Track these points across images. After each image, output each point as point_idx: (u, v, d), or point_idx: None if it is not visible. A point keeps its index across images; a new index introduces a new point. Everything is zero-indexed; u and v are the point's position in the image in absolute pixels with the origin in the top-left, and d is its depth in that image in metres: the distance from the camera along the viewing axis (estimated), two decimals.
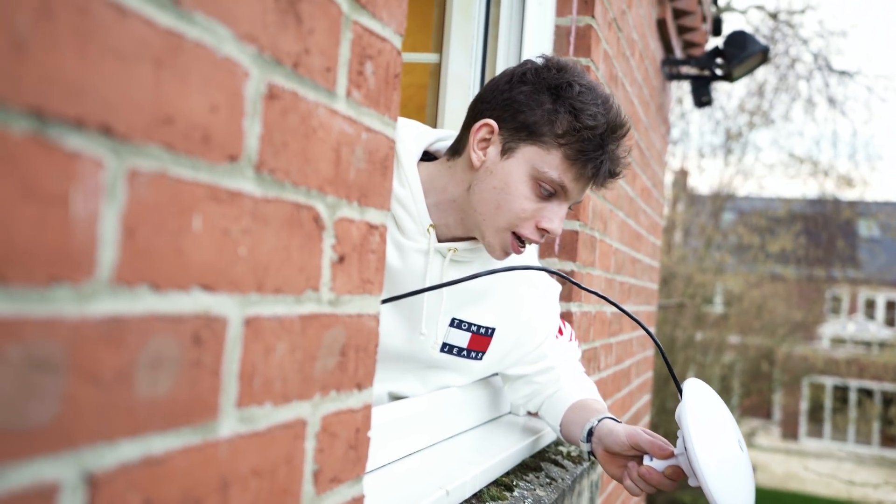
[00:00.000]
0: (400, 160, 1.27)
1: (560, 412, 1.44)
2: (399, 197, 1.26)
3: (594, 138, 1.19)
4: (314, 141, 0.62)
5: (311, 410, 0.64)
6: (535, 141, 1.20)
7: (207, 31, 0.50)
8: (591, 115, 1.19)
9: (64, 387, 0.40)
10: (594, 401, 1.44)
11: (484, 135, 1.24)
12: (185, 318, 0.49)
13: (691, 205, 11.87)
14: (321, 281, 0.64)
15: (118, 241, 0.44)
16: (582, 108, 1.19)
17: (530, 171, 1.20)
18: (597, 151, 1.19)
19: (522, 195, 1.21)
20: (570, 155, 1.19)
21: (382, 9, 0.72)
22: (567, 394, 1.46)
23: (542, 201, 1.21)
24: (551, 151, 1.20)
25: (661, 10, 3.00)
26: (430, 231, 1.28)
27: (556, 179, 1.20)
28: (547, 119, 1.20)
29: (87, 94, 0.41)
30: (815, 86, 11.47)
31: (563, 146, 1.19)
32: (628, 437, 1.22)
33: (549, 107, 1.20)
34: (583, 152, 1.19)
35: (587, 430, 1.33)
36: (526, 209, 1.21)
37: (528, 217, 1.21)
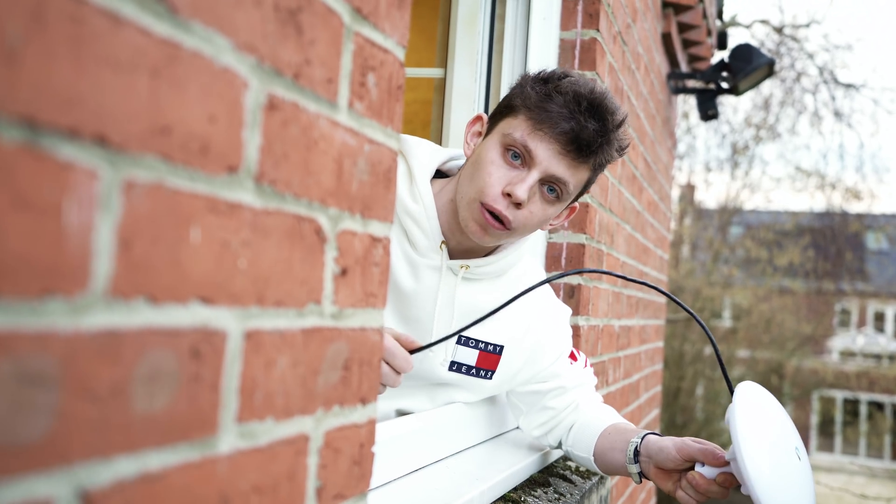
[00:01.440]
0: (414, 177, 1.27)
1: (591, 442, 1.39)
2: (412, 213, 1.26)
3: (563, 103, 1.18)
4: (315, 152, 0.62)
5: (313, 425, 0.62)
6: (508, 114, 1.23)
7: (205, 41, 0.49)
8: (564, 85, 1.19)
9: (57, 402, 0.39)
10: (625, 423, 1.40)
11: (477, 128, 1.29)
12: (183, 332, 0.48)
13: (698, 219, 11.85)
14: (323, 294, 0.63)
15: (113, 252, 0.43)
16: (557, 81, 1.21)
17: (500, 139, 1.22)
18: (561, 111, 1.17)
19: (490, 161, 1.21)
20: (534, 116, 1.19)
21: (385, 20, 0.72)
22: (594, 420, 1.41)
23: (510, 168, 1.20)
24: (518, 116, 1.21)
25: (666, 24, 3.00)
26: (443, 248, 1.27)
27: (518, 139, 1.19)
28: (520, 93, 1.22)
29: (81, 104, 0.40)
30: (821, 99, 11.47)
31: (528, 109, 1.20)
32: (678, 449, 1.19)
33: (529, 89, 1.22)
34: (546, 111, 1.18)
35: (633, 451, 1.29)
36: (490, 173, 1.20)
37: (492, 183, 1.19)
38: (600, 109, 1.19)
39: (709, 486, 1.14)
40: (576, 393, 1.45)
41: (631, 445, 1.29)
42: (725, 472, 1.12)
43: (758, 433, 1.04)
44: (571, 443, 1.44)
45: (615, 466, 1.34)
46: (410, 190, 1.27)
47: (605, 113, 1.19)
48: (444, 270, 1.28)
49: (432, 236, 1.26)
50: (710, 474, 1.14)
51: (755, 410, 1.07)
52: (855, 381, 15.75)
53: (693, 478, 1.15)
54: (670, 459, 1.20)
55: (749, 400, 1.08)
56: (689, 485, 1.16)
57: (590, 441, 1.39)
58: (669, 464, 1.21)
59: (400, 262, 1.27)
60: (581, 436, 1.41)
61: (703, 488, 1.14)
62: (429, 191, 1.27)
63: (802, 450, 1.09)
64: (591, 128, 1.18)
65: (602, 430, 1.38)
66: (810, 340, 13.18)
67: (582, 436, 1.41)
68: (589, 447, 1.39)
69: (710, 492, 1.14)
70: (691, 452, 1.17)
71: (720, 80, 3.45)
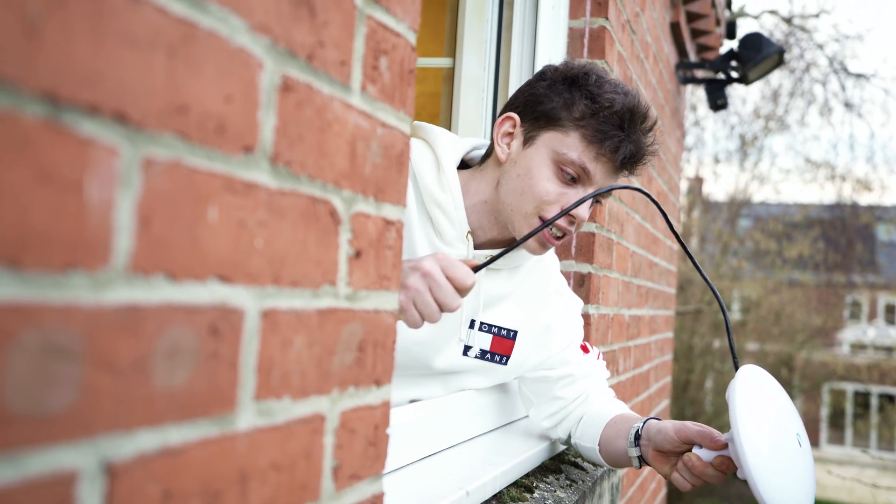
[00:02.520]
0: (441, 165, 1.28)
1: (597, 432, 1.39)
2: (440, 202, 1.26)
3: (611, 117, 1.18)
4: (329, 134, 0.62)
5: (329, 406, 0.63)
6: (554, 126, 1.21)
7: (221, 21, 0.50)
8: (609, 98, 1.19)
9: (81, 374, 0.40)
10: (631, 413, 1.40)
11: (507, 129, 1.26)
12: (202, 309, 0.49)
13: (707, 211, 11.81)
14: (338, 275, 0.64)
15: (133, 229, 0.43)
16: (599, 92, 1.20)
17: (551, 156, 1.21)
18: (615, 130, 1.18)
19: (545, 178, 1.20)
20: (587, 135, 1.19)
21: (396, 4, 0.72)
22: (602, 410, 1.41)
23: (566, 186, 1.21)
24: (569, 134, 1.20)
25: (675, 14, 2.99)
26: (469, 238, 1.28)
27: (577, 160, 1.19)
28: (564, 105, 1.21)
29: (100, 81, 0.41)
30: (831, 89, 11.41)
31: (580, 128, 1.19)
32: (677, 431, 1.19)
33: (567, 95, 1.21)
34: (601, 131, 1.18)
35: (633, 435, 1.28)
36: (549, 191, 1.20)
37: (552, 200, 1.20)
38: (645, 121, 1.21)
39: (704, 469, 1.12)
40: (585, 383, 1.45)
41: (633, 430, 1.29)
42: (722, 456, 1.10)
43: (757, 415, 1.01)
44: (580, 434, 1.43)
45: (618, 454, 1.34)
46: (438, 179, 1.27)
47: (650, 124, 1.22)
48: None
49: (459, 226, 1.27)
50: (707, 457, 1.12)
51: (756, 392, 1.04)
52: (866, 374, 15.68)
53: (689, 459, 1.13)
54: (668, 441, 1.20)
55: (751, 381, 1.05)
56: (685, 467, 1.14)
57: (596, 431, 1.39)
58: (667, 445, 1.20)
59: (425, 250, 1.27)
60: (588, 426, 1.41)
61: (699, 471, 1.12)
62: (457, 181, 1.27)
63: (804, 437, 1.06)
64: (644, 146, 1.21)
65: (608, 420, 1.38)
66: (820, 333, 13.13)
67: (589, 426, 1.41)
68: (595, 437, 1.39)
69: (706, 475, 1.12)
70: (689, 434, 1.16)
71: (729, 70, 3.43)
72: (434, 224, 1.27)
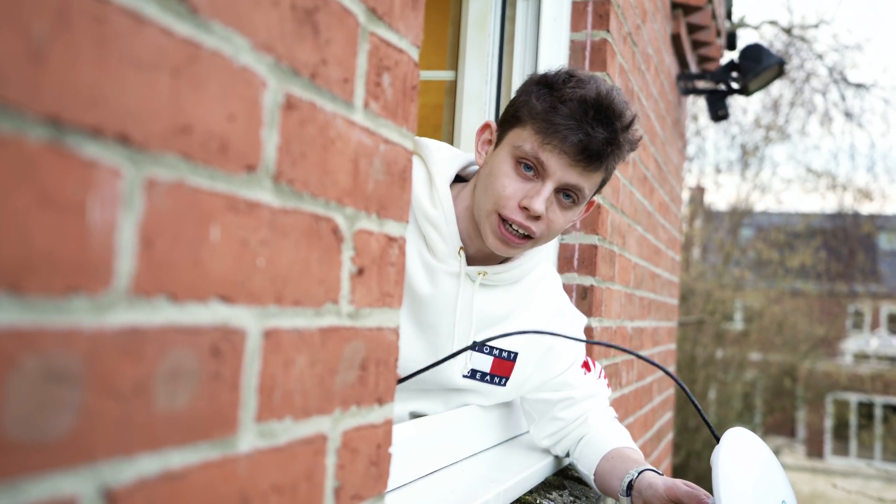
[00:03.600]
0: (434, 182, 1.27)
1: (594, 460, 1.39)
2: (432, 218, 1.25)
3: (567, 110, 1.17)
4: (332, 152, 0.62)
5: (331, 425, 0.63)
6: (517, 124, 1.22)
7: (225, 41, 0.49)
8: (568, 93, 1.18)
9: (82, 399, 0.40)
10: (630, 449, 1.40)
11: (486, 136, 1.28)
12: (204, 330, 0.48)
13: (709, 221, 11.80)
14: (340, 294, 0.64)
15: (135, 251, 0.43)
16: (562, 88, 1.19)
17: (510, 151, 1.21)
18: (568, 121, 1.16)
19: (503, 173, 1.21)
20: (543, 128, 1.18)
21: (399, 20, 0.72)
22: (600, 440, 1.41)
23: (524, 181, 1.20)
24: (527, 128, 1.20)
25: (676, 25, 2.99)
26: (461, 254, 1.27)
27: (529, 151, 1.19)
28: (527, 103, 1.21)
29: (104, 103, 0.41)
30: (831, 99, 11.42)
31: (537, 121, 1.19)
32: (667, 489, 1.20)
33: (535, 94, 1.21)
34: (553, 122, 1.17)
35: (626, 483, 1.29)
36: (505, 185, 1.20)
37: (509, 195, 1.20)
38: (608, 114, 1.18)
39: None
40: (585, 405, 1.44)
41: (627, 477, 1.30)
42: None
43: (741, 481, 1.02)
44: (577, 456, 1.44)
45: (611, 492, 1.35)
46: (430, 195, 1.27)
47: (613, 118, 1.18)
48: (463, 277, 1.28)
49: (451, 242, 1.26)
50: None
51: (741, 457, 1.06)
52: (869, 384, 15.62)
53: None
54: (657, 497, 1.21)
55: (737, 446, 1.07)
56: None
57: (593, 460, 1.39)
58: (656, 502, 1.21)
59: (417, 267, 1.26)
60: (586, 452, 1.42)
61: None
62: (449, 197, 1.27)
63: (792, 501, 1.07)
64: (599, 137, 1.17)
65: (606, 452, 1.38)
66: (823, 343, 13.10)
67: (587, 452, 1.41)
68: (591, 466, 1.39)
69: None
70: (678, 494, 1.18)
71: (730, 81, 3.44)
72: (426, 240, 1.26)
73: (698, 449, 8.89)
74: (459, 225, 1.28)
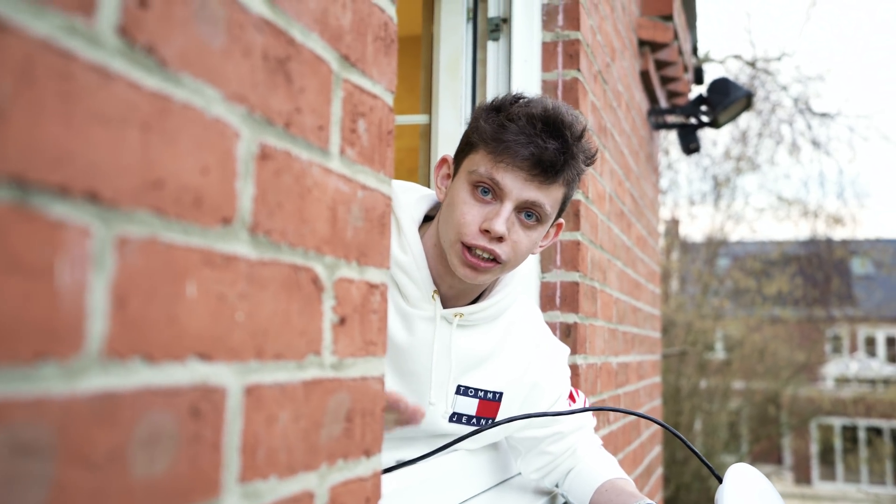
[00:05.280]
0: (401, 226, 1.26)
1: (587, 493, 1.37)
2: (402, 264, 1.24)
3: (515, 128, 1.17)
4: (309, 200, 0.61)
5: (318, 481, 0.60)
6: (471, 150, 1.22)
7: (195, 93, 0.49)
8: (515, 113, 1.18)
9: (53, 472, 0.38)
10: (623, 480, 1.38)
11: (445, 171, 1.28)
12: (182, 391, 0.46)
13: (685, 252, 11.90)
14: (323, 344, 0.62)
15: (108, 311, 0.41)
16: (511, 109, 1.20)
17: (467, 178, 1.21)
18: (517, 137, 1.16)
19: (462, 201, 1.20)
20: (493, 148, 1.18)
21: (372, 66, 0.72)
22: (592, 471, 1.39)
23: (483, 205, 1.19)
24: (479, 151, 1.20)
25: (644, 62, 3.04)
26: (435, 297, 1.26)
27: (485, 174, 1.18)
28: (477, 128, 1.22)
29: (71, 161, 0.39)
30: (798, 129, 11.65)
31: (488, 143, 1.19)
32: None
33: (484, 120, 1.22)
34: (503, 141, 1.17)
35: None
36: (465, 213, 1.19)
37: (468, 221, 1.19)
38: (556, 126, 1.18)
39: None
40: (574, 437, 1.42)
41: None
42: None
43: None
44: (567, 489, 1.42)
45: None
46: (399, 240, 1.26)
47: (563, 128, 1.18)
48: (439, 320, 1.26)
49: (424, 287, 1.25)
50: None
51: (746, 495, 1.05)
52: (852, 408, 15.68)
53: None
54: None
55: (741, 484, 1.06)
56: None
57: (586, 493, 1.37)
58: None
59: (392, 315, 1.24)
60: (578, 484, 1.39)
61: None
62: (417, 240, 1.26)
63: None
64: (551, 148, 1.17)
65: (599, 486, 1.36)
66: (804, 368, 13.16)
67: (579, 484, 1.39)
68: (584, 499, 1.37)
69: None
70: None
71: (700, 115, 3.49)
72: (399, 287, 1.25)
73: (687, 482, 8.84)
74: (431, 264, 1.27)
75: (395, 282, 1.25)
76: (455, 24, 1.87)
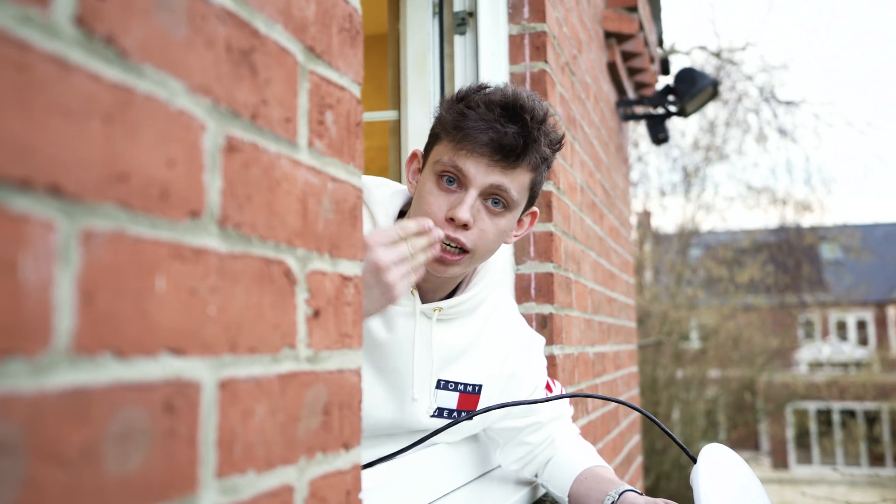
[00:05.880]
0: (377, 222, 1.25)
1: (567, 481, 1.37)
2: None
3: (476, 115, 1.18)
4: (279, 193, 0.60)
5: (297, 475, 0.60)
6: (436, 142, 1.24)
7: (158, 85, 0.48)
8: (475, 101, 1.20)
9: (23, 470, 0.37)
10: (604, 468, 1.39)
11: (415, 165, 1.29)
12: (155, 386, 0.46)
13: (658, 244, 12.00)
14: (297, 337, 0.62)
15: (75, 306, 0.41)
16: (470, 97, 1.21)
17: (432, 169, 1.22)
18: (478, 123, 1.17)
19: (428, 191, 1.21)
20: (455, 136, 1.19)
21: (338, 58, 0.71)
22: (571, 460, 1.39)
23: (448, 194, 1.20)
24: (442, 141, 1.22)
25: (611, 54, 3.06)
26: (414, 293, 1.25)
27: (448, 162, 1.19)
28: (441, 119, 1.23)
29: (32, 154, 0.39)
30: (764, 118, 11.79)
31: (450, 132, 1.20)
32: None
33: (445, 108, 1.23)
34: (464, 128, 1.18)
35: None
36: (430, 203, 1.19)
37: (434, 211, 1.19)
38: (515, 110, 1.19)
39: None
40: (552, 427, 1.43)
41: (608, 499, 1.27)
42: None
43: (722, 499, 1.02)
44: (547, 478, 1.42)
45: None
46: None
47: (522, 112, 1.19)
48: (418, 315, 1.26)
49: None
50: None
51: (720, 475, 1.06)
52: (826, 391, 15.93)
53: None
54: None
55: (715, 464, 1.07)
56: None
57: (565, 482, 1.37)
58: None
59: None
60: (557, 473, 1.40)
61: None
62: None
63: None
64: (510, 131, 1.17)
65: (579, 474, 1.36)
66: (778, 354, 13.34)
67: (558, 473, 1.39)
68: (564, 488, 1.37)
69: None
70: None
71: (667, 105, 3.52)
72: None
73: (667, 470, 8.91)
74: None
75: None
76: (421, 19, 1.87)
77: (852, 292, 17.59)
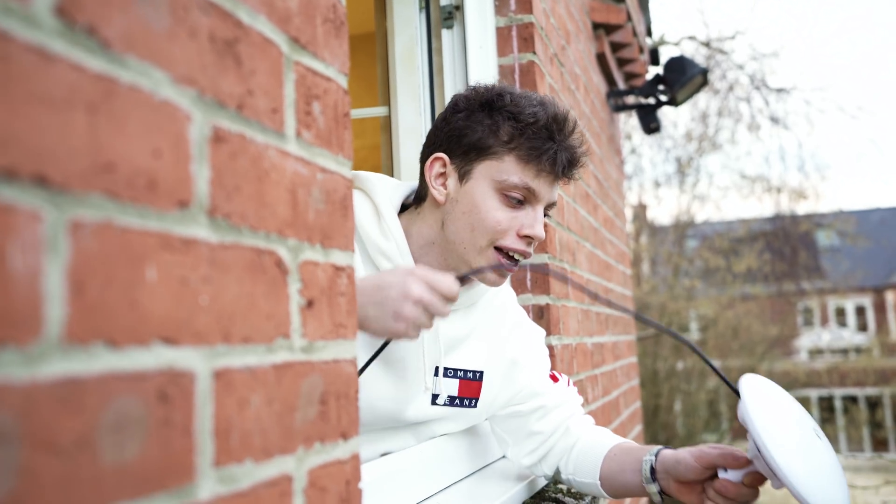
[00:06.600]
0: (381, 213, 1.25)
1: (595, 464, 1.33)
2: (384, 250, 1.23)
3: (540, 131, 1.18)
4: (268, 183, 0.60)
5: (295, 465, 0.60)
6: (487, 155, 1.21)
7: (142, 75, 0.48)
8: (531, 114, 1.19)
9: (19, 459, 0.37)
10: (629, 442, 1.35)
11: (438, 169, 1.24)
12: (148, 375, 0.46)
13: (654, 236, 12.01)
14: (291, 327, 0.62)
15: (65, 296, 0.41)
16: (519, 110, 1.20)
17: (492, 185, 1.20)
18: (547, 143, 1.18)
19: (492, 208, 1.19)
20: (522, 156, 1.19)
21: (324, 49, 0.71)
22: (595, 443, 1.36)
23: (515, 210, 1.20)
24: (504, 159, 1.20)
25: (600, 45, 3.06)
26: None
27: (519, 183, 1.19)
28: (489, 132, 1.20)
29: (16, 143, 0.39)
30: (756, 106, 11.81)
31: (513, 150, 1.19)
32: (697, 458, 1.13)
33: (489, 121, 1.21)
34: (534, 148, 1.18)
35: (648, 469, 1.22)
36: (500, 220, 1.19)
37: (505, 228, 1.19)
38: (571, 124, 1.22)
39: (739, 491, 1.08)
40: (560, 414, 1.40)
41: (645, 464, 1.23)
42: (751, 472, 1.07)
43: (776, 423, 0.99)
44: (573, 470, 1.37)
45: (628, 488, 1.28)
46: (380, 227, 1.25)
47: (575, 125, 1.23)
48: None
49: None
50: (736, 478, 1.08)
51: (766, 401, 1.03)
52: (827, 378, 15.96)
53: (722, 486, 1.09)
54: (690, 470, 1.15)
55: (757, 392, 1.03)
56: (719, 493, 1.10)
57: (594, 465, 1.33)
58: (690, 475, 1.15)
59: None
60: (583, 460, 1.35)
61: (734, 493, 1.08)
62: (398, 226, 1.25)
63: (820, 430, 1.05)
64: (576, 147, 1.22)
65: (606, 453, 1.33)
66: (778, 342, 13.36)
67: (585, 459, 1.35)
68: (594, 472, 1.33)
69: (742, 495, 1.08)
70: (711, 459, 1.12)
71: (658, 94, 3.52)
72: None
73: None
74: (420, 259, 1.26)
75: (377, 268, 1.24)
76: (408, 15, 1.87)
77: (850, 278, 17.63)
